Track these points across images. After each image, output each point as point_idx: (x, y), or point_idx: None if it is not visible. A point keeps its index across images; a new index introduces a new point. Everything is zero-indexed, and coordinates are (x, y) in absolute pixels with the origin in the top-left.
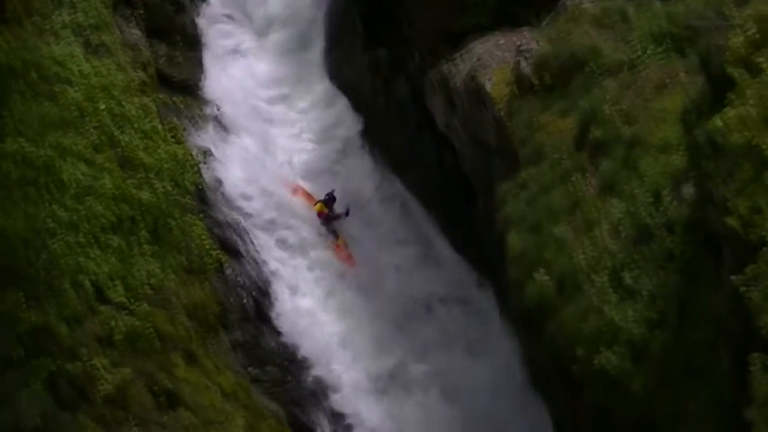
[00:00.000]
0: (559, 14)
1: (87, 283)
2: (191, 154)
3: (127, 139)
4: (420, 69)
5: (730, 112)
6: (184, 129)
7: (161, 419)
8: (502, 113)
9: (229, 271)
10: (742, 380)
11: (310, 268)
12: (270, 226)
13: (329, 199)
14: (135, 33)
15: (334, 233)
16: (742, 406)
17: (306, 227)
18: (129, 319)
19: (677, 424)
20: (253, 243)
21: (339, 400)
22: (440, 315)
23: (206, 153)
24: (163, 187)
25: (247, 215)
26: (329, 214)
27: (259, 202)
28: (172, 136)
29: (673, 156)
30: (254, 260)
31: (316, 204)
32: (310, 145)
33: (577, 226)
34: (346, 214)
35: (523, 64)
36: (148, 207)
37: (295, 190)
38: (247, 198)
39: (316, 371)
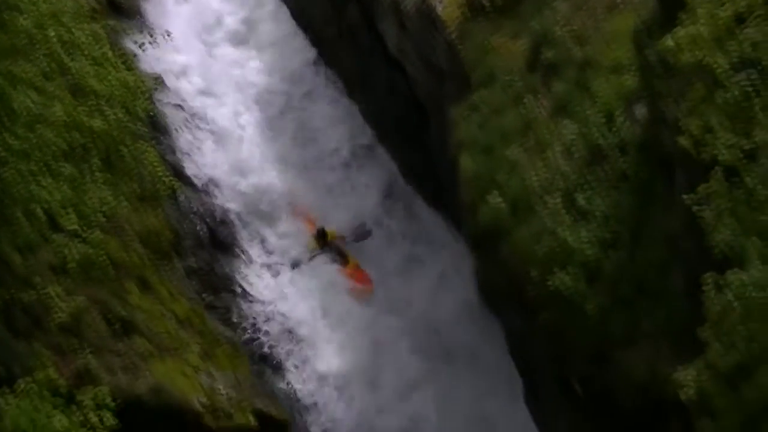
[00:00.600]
0: None
1: (39, 212)
2: (142, 81)
3: (77, 66)
4: None
5: (681, 32)
6: (134, 56)
7: (116, 347)
8: (453, 36)
9: (182, 198)
10: (696, 300)
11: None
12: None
13: (319, 235)
14: None
15: (342, 257)
16: (696, 326)
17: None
18: (82, 246)
19: (631, 345)
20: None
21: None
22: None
23: (158, 79)
24: (115, 114)
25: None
26: (324, 246)
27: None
28: (123, 63)
29: (624, 77)
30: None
31: (309, 243)
32: (261, 74)
33: (529, 148)
34: (362, 237)
35: None
36: (100, 134)
37: (301, 214)
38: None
39: None
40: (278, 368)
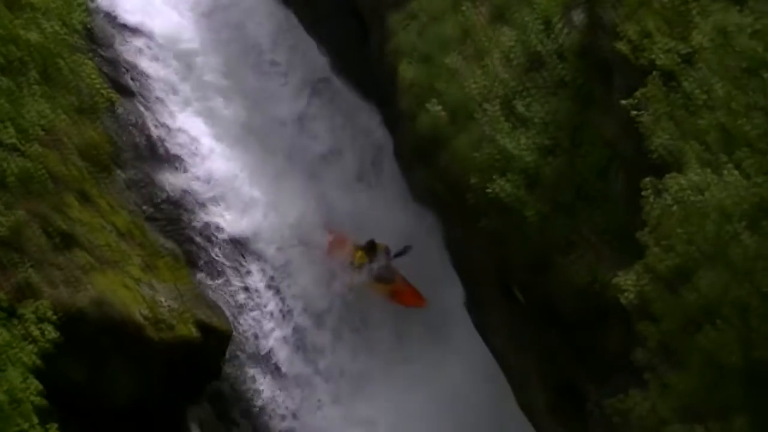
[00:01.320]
0: None
1: None
2: None
3: None
4: None
5: None
6: None
7: (57, 260)
8: None
9: (120, 110)
10: (636, 204)
11: None
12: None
13: (369, 248)
14: None
15: (386, 277)
16: (635, 231)
17: None
18: (21, 160)
19: (572, 250)
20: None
21: None
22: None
23: None
24: (51, 27)
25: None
26: (371, 264)
27: None
28: None
29: None
30: (146, 98)
31: (356, 253)
32: None
33: (468, 56)
34: (400, 253)
35: None
36: (37, 47)
37: (334, 241)
38: None
39: None
40: None
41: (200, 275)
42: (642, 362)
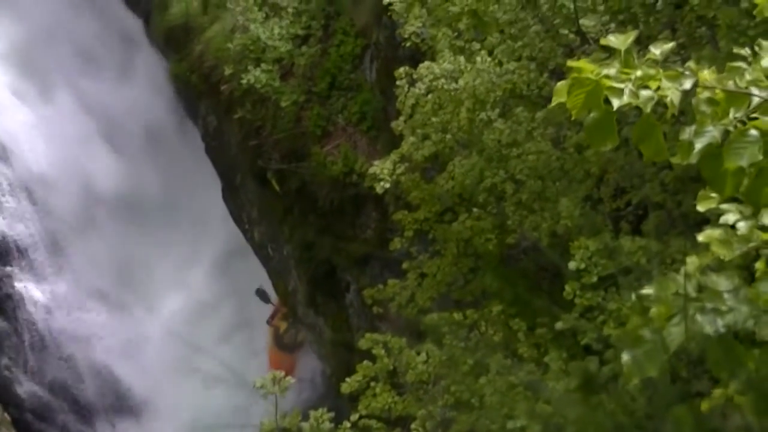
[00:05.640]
0: None
1: None
2: None
3: None
4: None
5: None
6: None
7: None
8: None
9: None
10: (390, 94)
11: None
12: None
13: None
14: None
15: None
16: (390, 120)
17: None
18: None
19: (327, 140)
20: None
21: None
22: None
23: None
24: None
25: None
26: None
27: None
28: None
29: None
30: None
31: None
32: None
33: None
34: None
35: None
36: None
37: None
38: None
39: None
40: None
41: None
42: (400, 251)
